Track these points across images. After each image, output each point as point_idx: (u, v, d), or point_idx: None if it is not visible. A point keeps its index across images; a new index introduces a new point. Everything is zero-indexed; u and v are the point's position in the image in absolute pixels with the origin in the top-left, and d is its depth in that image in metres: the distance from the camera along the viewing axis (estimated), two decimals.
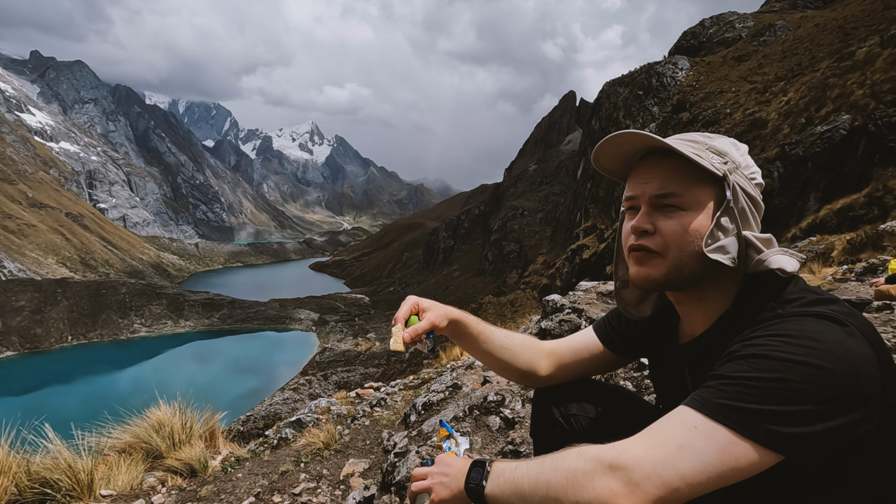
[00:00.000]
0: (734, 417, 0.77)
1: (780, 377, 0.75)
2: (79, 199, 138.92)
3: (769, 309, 0.87)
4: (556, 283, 46.92)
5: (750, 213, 0.95)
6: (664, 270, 0.96)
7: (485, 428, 2.48)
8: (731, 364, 0.81)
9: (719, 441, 0.77)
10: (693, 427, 0.79)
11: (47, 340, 67.03)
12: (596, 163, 1.06)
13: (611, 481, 0.80)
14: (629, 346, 1.27)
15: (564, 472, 0.85)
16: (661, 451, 0.79)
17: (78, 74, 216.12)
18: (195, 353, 68.03)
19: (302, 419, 3.82)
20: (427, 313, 1.23)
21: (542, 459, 0.91)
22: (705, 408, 0.79)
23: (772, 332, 0.81)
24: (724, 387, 0.79)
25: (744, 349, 0.81)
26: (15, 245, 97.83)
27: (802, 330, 0.79)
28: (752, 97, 32.61)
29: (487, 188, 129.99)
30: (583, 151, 62.62)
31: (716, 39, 47.53)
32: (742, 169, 0.96)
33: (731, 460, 0.76)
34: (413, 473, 1.10)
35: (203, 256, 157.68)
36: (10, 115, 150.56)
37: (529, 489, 0.88)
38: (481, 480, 0.96)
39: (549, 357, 1.34)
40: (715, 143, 0.97)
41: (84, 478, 2.68)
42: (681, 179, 0.94)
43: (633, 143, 0.99)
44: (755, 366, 0.78)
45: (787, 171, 22.29)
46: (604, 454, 0.83)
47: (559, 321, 2.97)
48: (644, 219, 0.97)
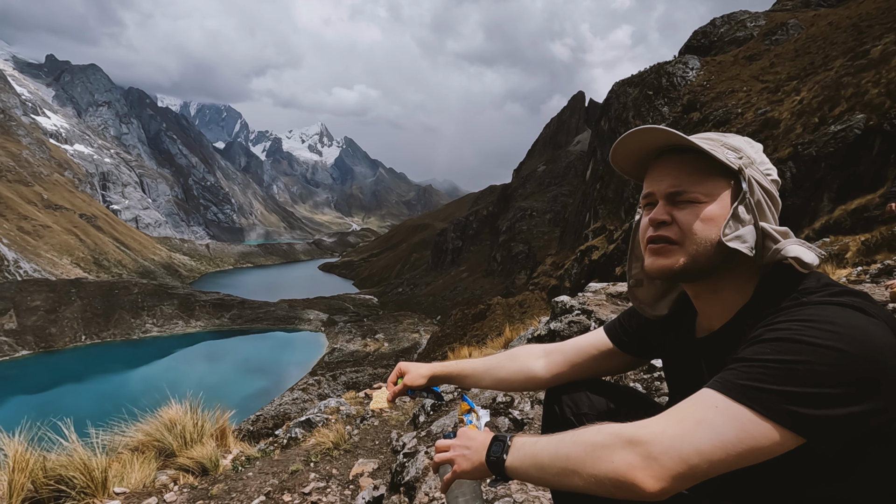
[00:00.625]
0: (755, 397, 0.77)
1: (802, 359, 0.76)
2: (92, 200, 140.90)
3: (792, 298, 0.87)
4: (565, 284, 46.70)
5: (767, 206, 0.97)
6: (681, 260, 0.97)
7: (494, 429, 2.48)
8: (753, 347, 0.82)
9: (739, 419, 0.77)
10: (714, 406, 0.80)
11: (62, 340, 68.02)
12: (613, 162, 1.08)
13: (629, 455, 0.81)
14: (640, 346, 1.27)
15: (583, 445, 0.87)
16: (679, 427, 0.80)
17: (92, 78, 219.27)
18: (206, 352, 68.65)
19: (311, 419, 3.84)
20: (405, 377, 1.40)
21: (562, 434, 0.93)
22: (726, 388, 0.80)
23: (795, 317, 0.82)
24: (746, 368, 0.80)
25: (766, 333, 0.82)
26: (31, 246, 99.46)
27: (825, 315, 0.79)
28: (764, 97, 32.24)
29: (496, 189, 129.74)
30: (592, 152, 62.30)
31: (727, 39, 47.06)
32: (757, 164, 0.98)
33: (750, 439, 0.77)
34: (436, 445, 1.14)
35: (214, 257, 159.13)
36: (26, 118, 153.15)
37: (549, 461, 0.91)
38: (502, 454, 0.99)
39: (546, 357, 1.35)
40: (730, 140, 0.99)
41: (98, 475, 2.72)
42: (694, 174, 0.96)
43: (650, 141, 1.00)
44: (778, 348, 0.79)
45: (800, 172, 22.01)
46: (623, 429, 0.85)
47: (568, 322, 2.96)
48: (661, 210, 0.99)
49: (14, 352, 63.92)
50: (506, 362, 1.38)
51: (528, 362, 1.36)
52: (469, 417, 1.27)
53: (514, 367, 1.36)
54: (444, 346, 33.23)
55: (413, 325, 78.81)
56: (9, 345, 64.23)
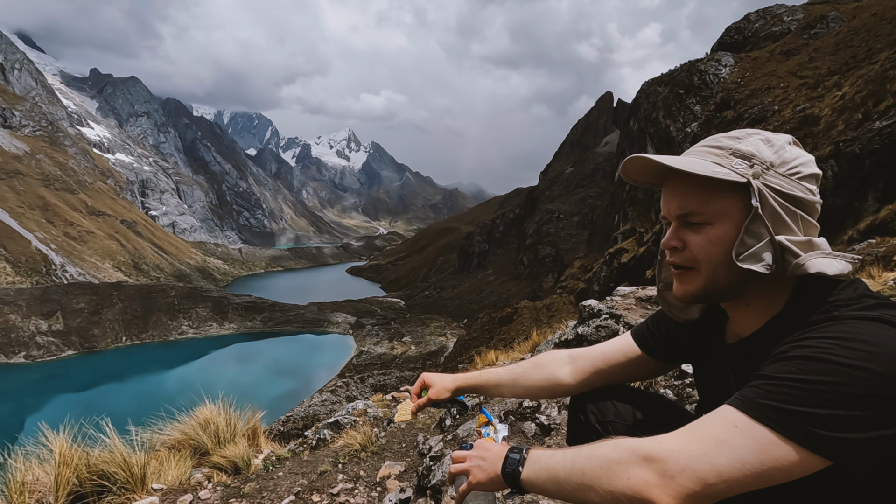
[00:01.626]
0: (777, 418, 0.74)
1: (829, 380, 0.72)
2: (133, 206, 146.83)
3: (824, 311, 0.83)
4: (593, 287, 45.94)
5: (787, 214, 0.90)
6: (700, 284, 0.95)
7: (520, 434, 2.46)
8: (777, 364, 0.79)
9: (759, 440, 0.75)
10: (733, 425, 0.77)
11: (104, 340, 70.97)
12: (626, 178, 1.05)
13: (645, 472, 0.79)
14: (668, 350, 1.23)
15: (599, 460, 0.85)
16: (697, 446, 0.78)
17: (132, 89, 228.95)
18: (238, 354, 70.47)
19: (340, 421, 3.89)
20: (430, 390, 1.42)
21: (578, 449, 0.92)
22: (747, 407, 0.78)
23: (824, 334, 0.78)
24: (768, 387, 0.77)
25: (792, 350, 0.79)
26: (76, 251, 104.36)
27: (857, 333, 0.75)
28: (803, 93, 31.05)
29: (522, 192, 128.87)
30: (620, 153, 61.22)
31: (762, 34, 45.58)
32: (777, 167, 0.90)
33: (771, 461, 0.74)
34: (453, 456, 1.12)
35: (246, 261, 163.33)
36: (72, 129, 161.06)
37: (564, 476, 0.89)
38: (518, 466, 0.98)
39: (571, 363, 1.33)
40: (740, 145, 0.93)
41: (137, 472, 2.82)
42: (700, 195, 0.92)
43: (648, 165, 0.97)
44: (803, 367, 0.75)
45: (842, 170, 21.08)
46: (640, 445, 0.83)
47: (596, 327, 2.91)
48: (672, 235, 0.97)
49: (60, 352, 67.09)
50: (532, 371, 1.36)
51: (554, 370, 1.33)
52: (487, 430, 1.26)
53: (540, 376, 1.34)
54: (470, 350, 33.14)
55: (440, 328, 78.94)
56: (56, 345, 67.46)
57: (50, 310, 69.82)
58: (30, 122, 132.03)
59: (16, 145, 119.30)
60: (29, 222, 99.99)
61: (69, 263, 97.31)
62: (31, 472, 2.75)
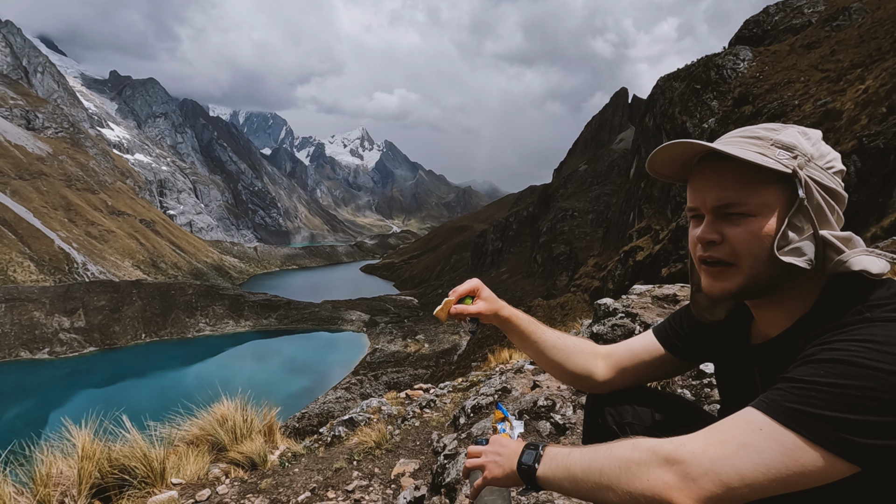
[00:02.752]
0: (805, 423, 0.73)
1: (860, 384, 0.70)
2: (151, 206, 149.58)
3: (856, 312, 0.80)
4: (608, 285, 45.53)
5: (828, 208, 0.88)
6: (740, 281, 0.91)
7: (535, 433, 2.45)
8: (805, 367, 0.77)
9: (785, 445, 0.73)
10: (758, 429, 0.76)
11: (124, 337, 72.51)
12: (651, 170, 1.01)
13: (666, 474, 0.78)
14: (691, 349, 1.21)
15: (619, 460, 0.84)
16: (721, 449, 0.76)
17: (150, 91, 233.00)
18: (254, 351, 71.47)
19: (354, 418, 3.92)
20: (479, 301, 1.30)
21: (596, 447, 0.91)
22: (773, 410, 0.76)
23: (855, 337, 0.75)
24: (796, 390, 0.75)
25: (821, 353, 0.76)
26: (97, 250, 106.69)
27: (890, 336, 0.73)
28: (825, 86, 30.33)
29: (536, 189, 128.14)
30: (636, 150, 60.48)
31: (782, 27, 44.61)
32: (816, 160, 0.88)
33: (797, 466, 0.72)
34: (468, 450, 1.11)
35: (261, 259, 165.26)
36: (92, 130, 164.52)
37: (582, 475, 0.88)
38: (534, 462, 0.97)
39: (606, 360, 1.29)
40: (780, 136, 0.89)
41: (157, 466, 2.88)
42: (742, 185, 0.88)
43: (688, 151, 0.94)
44: (833, 371, 0.73)
45: (866, 166, 20.57)
46: (661, 446, 0.81)
47: (612, 326, 2.88)
48: (709, 228, 0.92)
49: (83, 348, 68.72)
50: (574, 354, 1.29)
51: (590, 362, 1.29)
52: (503, 426, 1.25)
53: (578, 362, 1.29)
54: (484, 348, 33.11)
55: (453, 326, 78.89)
56: (78, 342, 69.11)
57: (72, 307, 71.54)
58: (52, 124, 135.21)
59: (39, 147, 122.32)
60: (52, 222, 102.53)
61: (90, 262, 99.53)
62: (56, 466, 2.81)
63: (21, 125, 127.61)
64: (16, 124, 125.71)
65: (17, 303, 68.45)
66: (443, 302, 1.31)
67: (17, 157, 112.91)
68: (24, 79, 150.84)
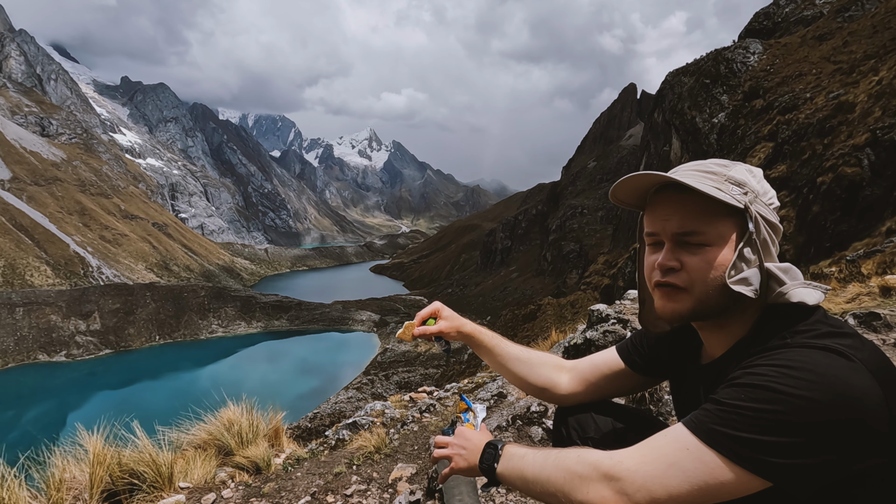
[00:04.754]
0: (725, 444, 0.80)
1: (772, 409, 0.77)
2: (163, 209, 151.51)
3: (780, 337, 0.87)
4: (618, 283, 45.29)
5: (771, 241, 0.95)
6: (690, 305, 0.97)
7: (527, 438, 2.50)
8: (729, 390, 0.84)
9: (707, 464, 0.81)
10: (685, 448, 0.84)
11: (138, 339, 73.61)
12: (614, 198, 1.07)
13: (604, 489, 0.87)
14: (650, 366, 1.27)
15: (564, 471, 0.94)
16: (652, 467, 0.85)
17: (161, 96, 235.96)
18: (266, 353, 72.19)
19: (358, 421, 3.99)
20: (440, 321, 1.41)
21: (548, 453, 1.01)
22: (699, 430, 0.84)
23: (772, 362, 0.82)
24: (719, 412, 0.82)
25: (743, 377, 0.84)
26: (111, 253, 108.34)
27: (804, 362, 0.79)
28: (837, 79, 29.87)
29: (545, 187, 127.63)
30: (645, 146, 59.98)
31: (793, 19, 44.02)
32: (761, 196, 0.95)
33: (716, 482, 0.80)
34: (436, 440, 1.23)
35: (272, 261, 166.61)
36: (105, 135, 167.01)
37: (532, 478, 0.99)
38: (493, 462, 1.08)
39: (570, 373, 1.35)
40: (732, 172, 0.95)
41: (165, 471, 2.96)
42: (701, 215, 0.94)
43: (653, 181, 0.99)
44: (751, 395, 0.80)
45: (880, 159, 20.25)
46: (601, 462, 0.90)
47: (604, 332, 2.91)
48: (669, 255, 0.97)
49: (98, 350, 69.87)
50: (537, 366, 1.37)
51: (553, 374, 1.36)
52: (467, 416, 1.30)
53: (542, 374, 1.36)
54: None
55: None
56: (94, 344, 70.28)
57: (88, 310, 72.75)
58: (66, 131, 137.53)
59: (54, 153, 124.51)
60: (67, 226, 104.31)
61: (105, 265, 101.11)
62: (69, 471, 2.91)
63: (36, 132, 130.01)
64: (31, 131, 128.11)
65: (35, 306, 69.78)
66: (405, 325, 1.45)
67: (32, 163, 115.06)
68: (39, 86, 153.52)
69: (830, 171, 21.93)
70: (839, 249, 16.16)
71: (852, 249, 12.73)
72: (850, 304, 4.10)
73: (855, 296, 4.28)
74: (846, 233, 19.41)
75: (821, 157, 23.51)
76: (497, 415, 2.74)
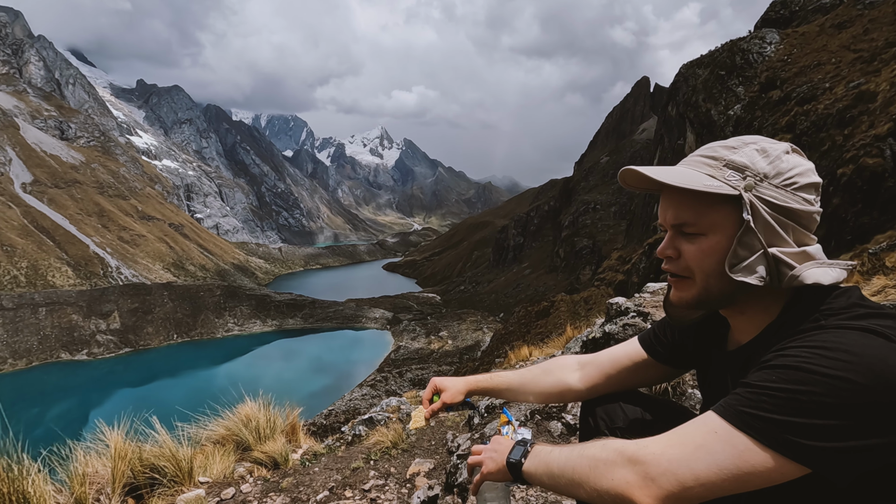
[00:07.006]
0: (755, 425, 0.77)
1: (807, 389, 0.74)
2: (179, 210, 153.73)
3: (813, 320, 0.85)
4: (632, 279, 44.82)
5: (780, 225, 0.90)
6: (695, 293, 0.97)
7: (546, 433, 2.47)
8: (761, 373, 0.81)
9: (737, 447, 0.78)
10: (713, 431, 0.81)
11: (157, 338, 74.89)
12: (624, 184, 1.06)
13: (629, 473, 0.85)
14: (673, 356, 1.24)
15: (588, 459, 0.91)
16: (678, 450, 0.82)
17: (176, 98, 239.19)
18: (281, 351, 72.90)
19: (374, 417, 3.99)
20: (443, 395, 1.45)
21: (573, 447, 0.99)
22: (727, 414, 0.81)
23: (807, 343, 0.79)
24: (748, 395, 0.80)
25: (776, 359, 0.81)
26: (129, 254, 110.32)
27: (840, 343, 0.76)
28: (857, 67, 29.12)
29: (557, 183, 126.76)
30: (659, 139, 59.20)
31: (810, 7, 43.00)
32: (771, 179, 0.90)
33: (747, 466, 0.77)
34: (472, 449, 1.22)
35: (286, 259, 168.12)
36: (122, 138, 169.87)
37: (558, 472, 0.97)
38: (521, 458, 1.06)
39: (582, 369, 1.35)
40: (735, 156, 0.93)
41: (185, 465, 2.99)
42: (694, 206, 0.93)
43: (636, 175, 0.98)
44: (783, 376, 0.77)
45: None
46: (625, 448, 0.88)
47: (623, 325, 2.86)
48: (668, 244, 0.99)
49: (118, 349, 71.28)
50: (541, 377, 1.39)
51: (563, 375, 1.36)
52: (507, 429, 1.29)
53: (550, 381, 1.37)
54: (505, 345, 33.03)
55: (476, 322, 78.96)
56: (114, 343, 71.71)
57: (108, 310, 74.21)
58: (84, 134, 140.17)
59: (73, 156, 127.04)
60: (87, 228, 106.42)
61: (123, 266, 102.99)
62: (91, 465, 2.96)
63: (55, 135, 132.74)
64: (50, 135, 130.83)
65: (57, 306, 71.39)
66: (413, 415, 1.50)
67: (52, 166, 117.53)
68: (57, 91, 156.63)
69: (851, 162, 21.42)
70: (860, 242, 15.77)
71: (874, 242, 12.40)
72: (876, 297, 3.99)
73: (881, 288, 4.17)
74: (867, 225, 18.95)
75: (841, 148, 22.97)
76: (515, 410, 2.71)
